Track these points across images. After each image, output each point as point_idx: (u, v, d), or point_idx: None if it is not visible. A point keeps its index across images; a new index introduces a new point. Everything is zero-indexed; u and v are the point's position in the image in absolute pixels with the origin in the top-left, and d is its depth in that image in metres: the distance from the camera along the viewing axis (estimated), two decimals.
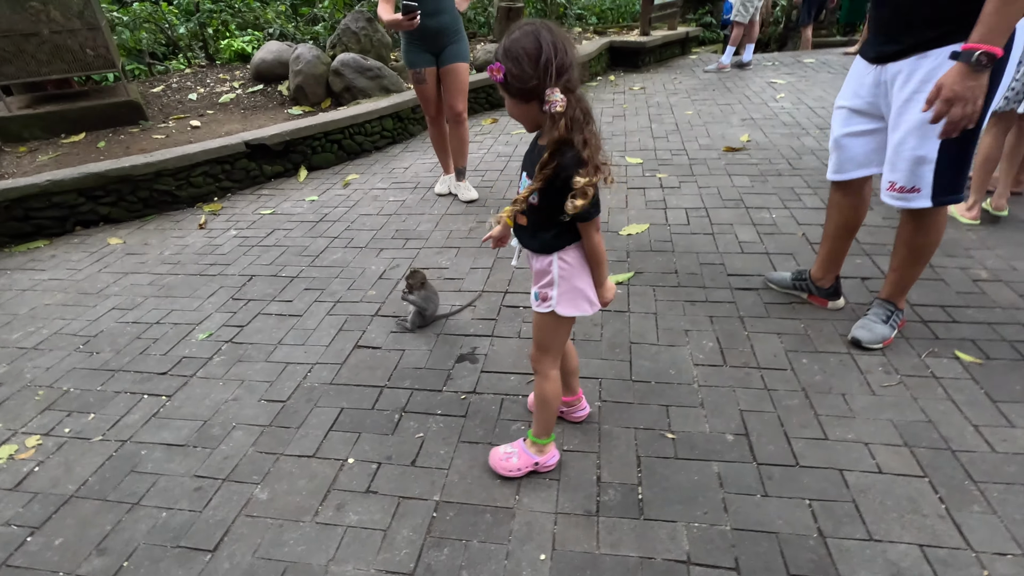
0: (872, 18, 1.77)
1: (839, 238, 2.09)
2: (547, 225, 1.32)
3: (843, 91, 1.92)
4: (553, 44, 1.17)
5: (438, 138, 3.56)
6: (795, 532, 1.40)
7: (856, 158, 1.90)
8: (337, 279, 2.75)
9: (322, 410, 1.92)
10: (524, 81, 1.18)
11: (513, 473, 1.59)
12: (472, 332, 2.27)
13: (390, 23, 2.97)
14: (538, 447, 1.57)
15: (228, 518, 1.55)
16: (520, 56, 1.17)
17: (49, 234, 3.46)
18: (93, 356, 2.30)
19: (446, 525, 1.49)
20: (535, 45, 1.16)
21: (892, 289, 1.99)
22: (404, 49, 3.22)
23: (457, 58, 3.23)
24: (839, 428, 1.69)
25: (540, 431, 1.56)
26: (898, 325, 2.03)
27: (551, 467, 1.62)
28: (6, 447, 1.87)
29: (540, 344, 1.49)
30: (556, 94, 1.17)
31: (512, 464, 1.59)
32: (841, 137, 1.92)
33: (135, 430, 1.90)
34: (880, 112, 1.80)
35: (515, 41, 1.18)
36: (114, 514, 1.59)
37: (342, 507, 1.56)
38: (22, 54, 4.23)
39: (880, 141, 1.83)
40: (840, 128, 1.92)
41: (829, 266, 2.15)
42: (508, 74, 1.18)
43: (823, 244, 2.15)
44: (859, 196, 2.00)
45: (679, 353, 2.06)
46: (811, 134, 4.23)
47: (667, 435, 1.71)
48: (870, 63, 1.78)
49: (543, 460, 1.59)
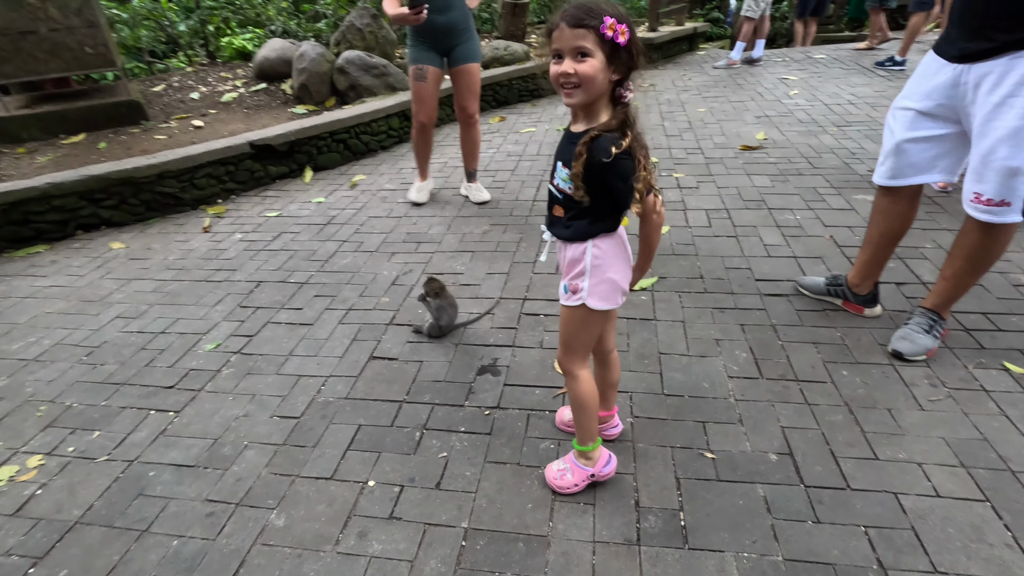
0: (956, 10, 1.63)
1: (883, 245, 1.98)
2: (586, 213, 1.25)
3: (909, 91, 1.78)
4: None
5: (423, 143, 3.38)
6: (853, 563, 1.31)
7: (917, 164, 1.78)
8: (348, 285, 2.65)
9: (338, 427, 1.83)
10: (635, 55, 1.12)
11: (571, 489, 1.51)
12: (492, 342, 2.18)
13: (395, 18, 2.83)
14: (585, 456, 1.48)
15: (243, 547, 1.46)
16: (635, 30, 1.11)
17: (49, 238, 3.36)
18: (97, 368, 2.21)
19: (477, 555, 1.39)
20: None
21: (939, 299, 1.89)
22: (410, 45, 3.07)
23: (470, 58, 3.11)
24: (888, 447, 1.59)
25: (583, 437, 1.47)
26: (940, 335, 1.93)
27: (609, 474, 1.52)
28: (6, 468, 1.77)
29: (567, 342, 1.39)
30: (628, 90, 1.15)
31: (567, 481, 1.51)
32: (904, 142, 1.77)
33: (142, 449, 1.80)
34: (954, 116, 1.68)
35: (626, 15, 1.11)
36: (122, 542, 1.50)
37: (364, 535, 1.47)
38: (19, 52, 4.12)
39: (947, 147, 1.72)
40: (904, 132, 1.77)
41: (868, 272, 2.05)
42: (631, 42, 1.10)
43: (864, 250, 2.04)
44: (910, 203, 1.89)
45: (711, 364, 1.96)
46: (829, 132, 4.12)
47: (706, 455, 1.61)
48: (949, 61, 1.64)
49: (597, 469, 1.50)
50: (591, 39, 1.08)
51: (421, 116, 3.21)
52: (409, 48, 3.09)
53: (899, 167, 1.81)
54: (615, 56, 1.10)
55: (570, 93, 1.14)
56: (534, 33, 7.93)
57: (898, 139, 1.79)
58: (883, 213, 1.94)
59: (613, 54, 1.10)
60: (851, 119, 4.34)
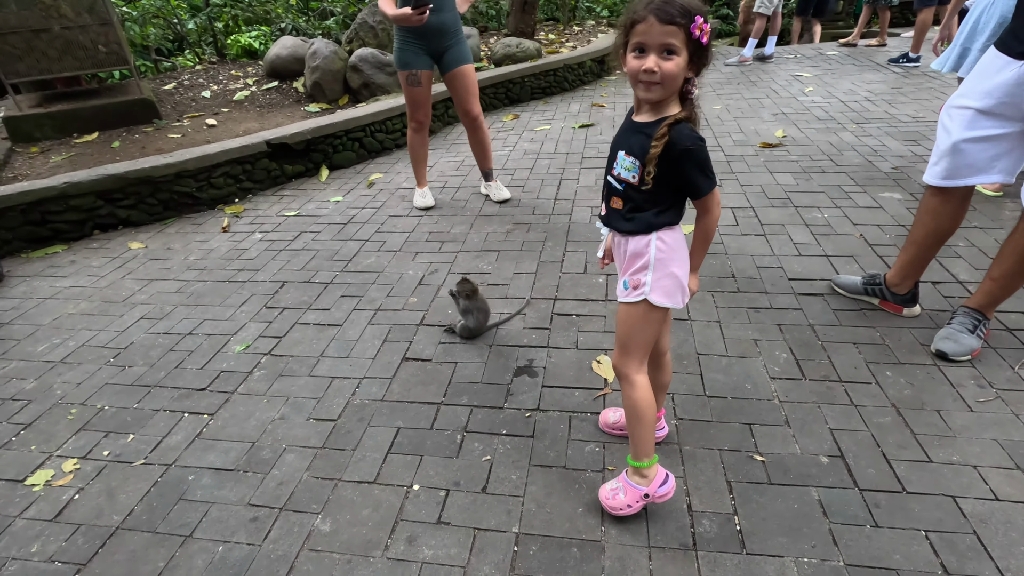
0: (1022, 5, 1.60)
1: (929, 246, 1.95)
2: (649, 204, 1.22)
3: (967, 89, 1.74)
4: None
5: (420, 147, 3.31)
6: (917, 569, 1.28)
7: (976, 164, 1.74)
8: (374, 285, 2.62)
9: (377, 430, 1.80)
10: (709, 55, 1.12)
11: (624, 512, 1.42)
12: (526, 343, 2.15)
13: (396, 18, 2.75)
14: (640, 473, 1.40)
15: (291, 553, 1.44)
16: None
17: (67, 238, 3.34)
18: (126, 371, 2.18)
19: (531, 561, 1.37)
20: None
21: (985, 299, 1.87)
22: (398, 48, 2.97)
23: (465, 59, 3.08)
24: (941, 449, 1.57)
25: (638, 452, 1.39)
26: (984, 335, 1.91)
27: (666, 496, 1.42)
28: (42, 472, 1.75)
29: (625, 343, 1.33)
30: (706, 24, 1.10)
31: (620, 501, 1.42)
32: (961, 141, 1.73)
33: (179, 452, 1.78)
34: (1018, 114, 1.64)
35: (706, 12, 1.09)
36: (166, 548, 1.48)
37: (414, 540, 1.44)
38: (33, 51, 4.10)
39: (1007, 146, 1.68)
40: (962, 131, 1.73)
41: (910, 272, 2.02)
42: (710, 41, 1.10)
43: (907, 249, 2.02)
44: (961, 204, 1.86)
45: (752, 365, 1.94)
46: (848, 129, 4.09)
47: (756, 457, 1.59)
48: (1015, 58, 1.61)
49: (652, 490, 1.39)
50: (680, 37, 1.06)
51: (419, 116, 3.16)
52: (397, 51, 2.98)
53: (955, 167, 1.77)
54: (697, 55, 1.09)
55: (649, 88, 1.11)
56: (543, 29, 7.89)
57: (955, 139, 1.74)
58: (932, 213, 1.91)
59: (696, 53, 1.08)
60: (869, 116, 4.31)
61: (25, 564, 1.47)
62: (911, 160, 3.47)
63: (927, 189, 1.91)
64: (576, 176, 3.67)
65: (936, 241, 1.94)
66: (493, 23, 8.88)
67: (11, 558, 1.48)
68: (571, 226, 3.01)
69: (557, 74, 5.76)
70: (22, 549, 1.51)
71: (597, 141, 4.30)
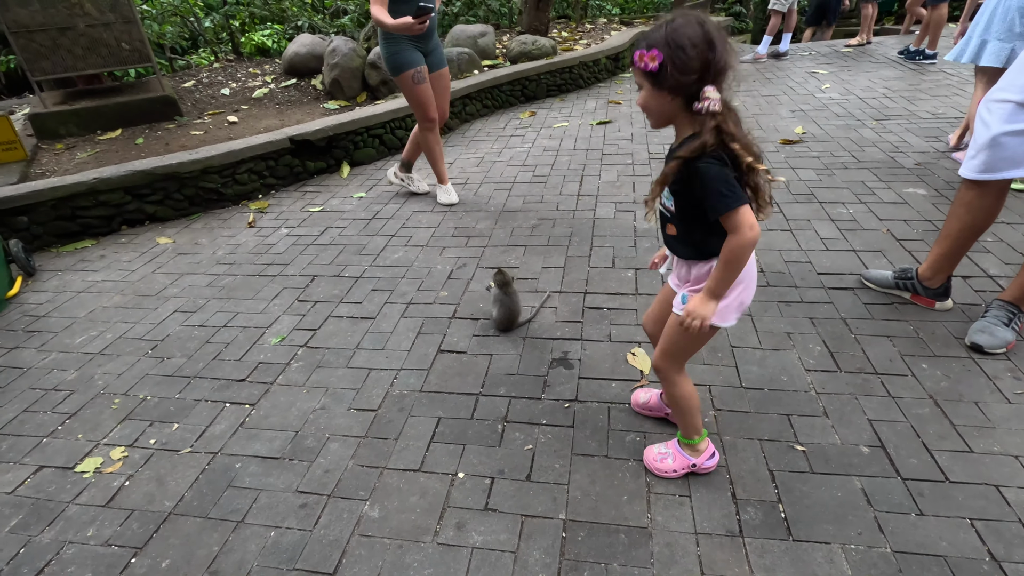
0: None
1: (963, 239, 1.96)
2: (697, 229, 1.25)
3: (1007, 82, 1.75)
4: (720, 38, 1.10)
5: (436, 145, 3.32)
6: (964, 556, 1.30)
7: (1015, 157, 1.75)
8: (404, 279, 2.65)
9: (418, 420, 1.83)
10: (686, 72, 1.09)
11: (669, 474, 1.53)
12: (559, 335, 2.17)
13: (397, 27, 2.72)
14: (691, 447, 1.51)
15: (342, 538, 1.47)
16: (686, 45, 1.08)
17: (95, 233, 3.38)
18: (164, 362, 2.22)
19: (580, 547, 1.39)
20: (703, 36, 1.09)
21: (1020, 292, 1.88)
22: (393, 50, 2.93)
23: (444, 62, 3.23)
24: (981, 440, 1.58)
25: (687, 431, 1.50)
26: (1019, 328, 1.92)
27: (711, 468, 1.54)
28: (91, 460, 1.78)
29: (670, 350, 1.39)
30: (715, 92, 1.10)
31: (667, 465, 1.53)
32: (1001, 135, 1.74)
33: (224, 441, 1.81)
34: None
35: (680, 29, 1.10)
36: (219, 533, 1.51)
37: (463, 526, 1.47)
38: (58, 49, 4.15)
39: None
40: (1002, 124, 1.74)
41: (943, 266, 2.03)
42: (668, 63, 1.09)
43: (941, 243, 2.02)
44: (998, 197, 1.87)
45: (787, 357, 1.95)
46: (868, 125, 4.09)
47: (796, 447, 1.61)
48: None
49: (700, 461, 1.51)
50: (638, 72, 1.15)
51: (431, 112, 3.17)
52: (395, 52, 2.94)
53: (993, 161, 1.78)
54: (658, 81, 1.12)
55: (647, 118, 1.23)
56: (555, 27, 7.90)
57: (994, 132, 1.75)
58: (968, 207, 1.91)
59: (655, 81, 1.12)
60: (889, 113, 4.31)
61: (82, 548, 1.50)
62: (933, 156, 3.47)
63: (963, 183, 1.92)
64: (597, 172, 3.69)
65: (971, 235, 1.95)
66: (505, 20, 8.90)
67: (68, 542, 1.52)
68: (596, 221, 3.03)
69: (573, 71, 5.77)
70: (78, 533, 1.54)
71: (616, 138, 4.31)
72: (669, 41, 1.09)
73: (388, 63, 3.01)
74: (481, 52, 5.89)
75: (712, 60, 1.09)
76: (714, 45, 1.09)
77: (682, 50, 1.09)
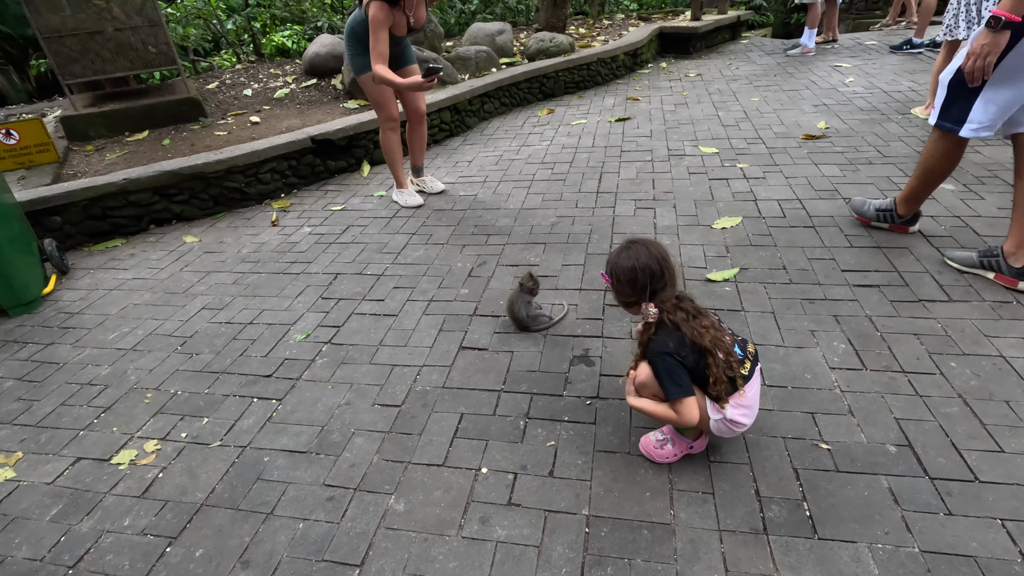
0: None
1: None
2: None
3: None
4: (648, 267, 1.42)
5: (398, 146, 3.35)
6: (995, 556, 1.28)
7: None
8: (425, 277, 2.68)
9: (441, 416, 1.85)
10: (624, 296, 1.49)
11: (669, 459, 1.59)
12: (580, 333, 2.18)
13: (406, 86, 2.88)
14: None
15: (369, 530, 1.50)
16: (622, 279, 1.47)
17: (125, 233, 3.47)
18: (193, 358, 2.27)
19: (603, 542, 1.41)
20: (632, 268, 1.43)
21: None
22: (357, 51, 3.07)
23: (414, 58, 3.27)
24: (1013, 439, 1.56)
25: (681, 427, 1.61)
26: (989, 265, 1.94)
27: (703, 447, 1.62)
28: (126, 452, 1.84)
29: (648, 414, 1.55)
30: (650, 309, 1.43)
31: (668, 451, 1.59)
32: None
33: (252, 435, 1.85)
34: None
35: (619, 263, 1.47)
36: (250, 524, 1.55)
37: (487, 521, 1.49)
38: (88, 53, 4.25)
39: None
40: None
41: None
42: (613, 287, 1.51)
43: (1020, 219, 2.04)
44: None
45: (810, 355, 1.94)
46: (893, 120, 4.02)
47: (821, 445, 1.60)
48: None
49: (697, 443, 1.60)
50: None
51: (392, 111, 3.21)
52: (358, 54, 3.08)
53: None
54: (622, 295, 1.51)
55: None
56: (572, 24, 7.88)
57: None
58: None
59: (613, 291, 1.53)
60: (915, 106, 4.22)
61: (119, 536, 1.55)
62: None
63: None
64: (616, 169, 3.68)
65: None
66: (522, 18, 8.90)
67: (105, 531, 1.57)
68: (615, 219, 3.03)
69: (590, 68, 5.75)
70: (115, 523, 1.60)
71: (635, 135, 4.29)
72: (611, 271, 1.50)
73: (351, 64, 3.17)
74: (499, 50, 5.91)
75: (648, 285, 1.42)
76: (652, 274, 1.41)
77: (618, 281, 1.48)
